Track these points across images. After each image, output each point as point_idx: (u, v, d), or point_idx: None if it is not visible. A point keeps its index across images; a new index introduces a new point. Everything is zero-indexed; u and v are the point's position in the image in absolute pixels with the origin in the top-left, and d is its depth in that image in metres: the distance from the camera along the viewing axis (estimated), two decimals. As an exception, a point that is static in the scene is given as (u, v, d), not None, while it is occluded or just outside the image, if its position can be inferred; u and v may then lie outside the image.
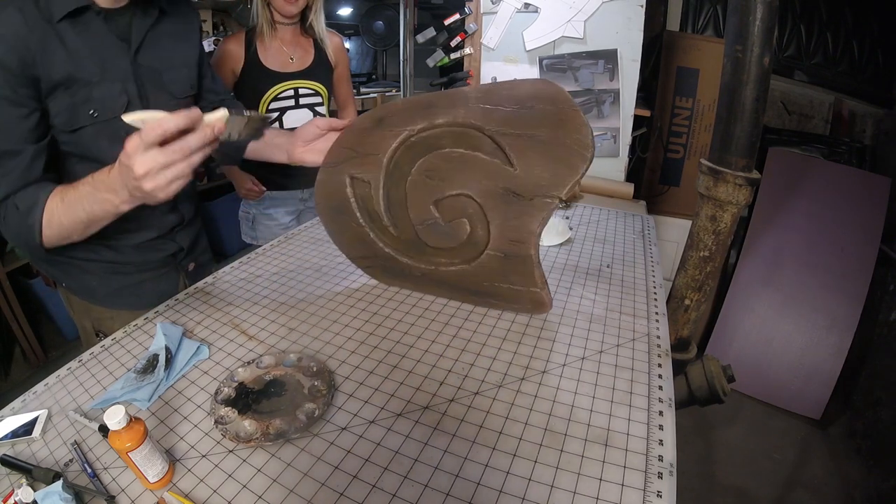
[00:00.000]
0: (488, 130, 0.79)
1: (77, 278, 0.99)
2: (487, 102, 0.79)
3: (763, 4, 0.98)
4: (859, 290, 2.01)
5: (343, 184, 0.92)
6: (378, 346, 0.83)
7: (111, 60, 0.84)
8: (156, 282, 1.05)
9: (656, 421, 0.65)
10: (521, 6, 1.70)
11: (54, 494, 0.53)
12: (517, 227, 0.82)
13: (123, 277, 1.01)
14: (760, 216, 2.21)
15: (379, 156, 0.88)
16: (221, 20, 3.23)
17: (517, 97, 0.77)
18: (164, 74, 0.93)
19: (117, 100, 0.85)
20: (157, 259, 1.04)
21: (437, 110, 0.82)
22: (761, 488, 1.70)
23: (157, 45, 0.91)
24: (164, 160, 0.59)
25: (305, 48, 1.57)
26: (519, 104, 0.77)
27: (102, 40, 0.83)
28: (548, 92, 0.74)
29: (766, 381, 2.07)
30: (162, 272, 1.06)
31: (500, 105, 0.78)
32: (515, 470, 0.59)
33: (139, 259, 1.01)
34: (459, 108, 0.81)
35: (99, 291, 1.01)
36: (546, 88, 0.74)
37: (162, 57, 0.93)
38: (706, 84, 2.16)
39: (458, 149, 0.83)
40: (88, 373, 0.78)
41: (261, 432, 0.63)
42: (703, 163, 1.16)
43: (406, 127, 0.85)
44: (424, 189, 0.87)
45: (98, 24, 0.82)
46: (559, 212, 1.50)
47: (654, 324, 0.88)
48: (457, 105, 0.81)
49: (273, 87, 1.52)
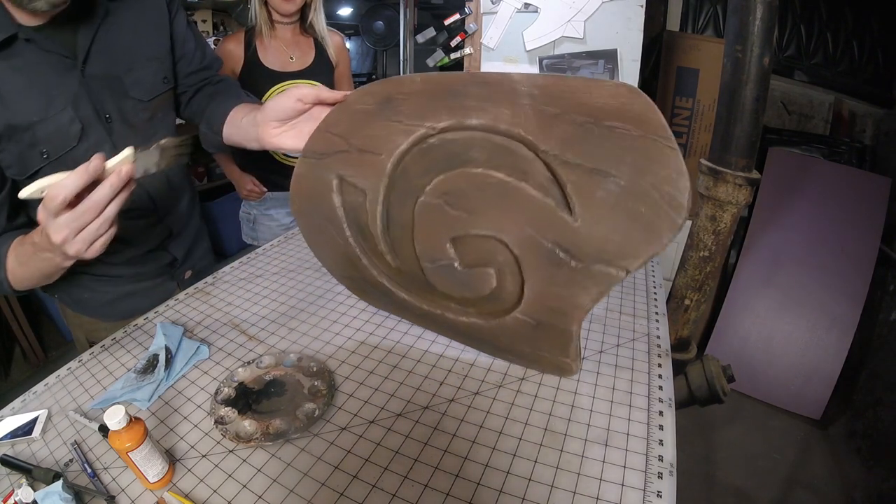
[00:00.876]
0: (545, 153, 0.55)
1: (67, 291, 0.96)
2: (549, 104, 0.54)
3: (763, 4, 0.98)
4: (859, 290, 2.01)
5: (329, 185, 0.71)
6: (378, 346, 0.83)
7: (56, 87, 0.73)
8: (149, 292, 1.02)
9: (656, 421, 0.65)
10: (521, 6, 1.70)
11: (54, 494, 0.53)
12: (561, 296, 0.61)
13: (115, 289, 0.98)
14: (760, 216, 2.21)
15: (381, 157, 0.65)
16: (221, 20, 3.23)
17: (593, 106, 0.52)
18: (125, 78, 0.82)
19: (69, 130, 0.76)
20: (149, 270, 1.01)
21: (470, 102, 0.58)
22: (761, 488, 1.70)
23: (110, 48, 0.79)
24: (76, 224, 0.54)
25: (305, 48, 1.56)
26: (593, 118, 0.52)
27: (40, 69, 0.72)
28: (635, 108, 0.50)
29: (766, 381, 2.07)
30: (157, 282, 1.04)
31: (567, 112, 0.53)
32: (515, 470, 0.59)
33: (130, 272, 0.98)
34: (504, 104, 0.56)
35: (90, 303, 0.98)
36: (632, 100, 0.50)
37: (119, 59, 0.80)
38: (706, 84, 2.16)
39: (495, 172, 0.59)
40: (88, 373, 0.78)
41: (261, 432, 0.63)
42: (703, 163, 1.16)
43: (424, 122, 0.61)
44: (440, 218, 0.64)
45: (31, 52, 0.71)
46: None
47: (654, 324, 0.88)
48: (500, 99, 0.56)
49: (273, 87, 1.51)
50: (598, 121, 0.52)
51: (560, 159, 0.54)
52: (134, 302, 1.00)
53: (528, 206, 0.58)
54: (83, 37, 0.75)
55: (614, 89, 0.51)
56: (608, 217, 0.54)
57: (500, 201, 0.60)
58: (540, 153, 0.55)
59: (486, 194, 0.60)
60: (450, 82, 0.59)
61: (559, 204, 0.56)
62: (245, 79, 1.50)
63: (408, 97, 0.62)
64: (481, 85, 0.57)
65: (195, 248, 1.12)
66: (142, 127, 0.87)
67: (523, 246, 0.61)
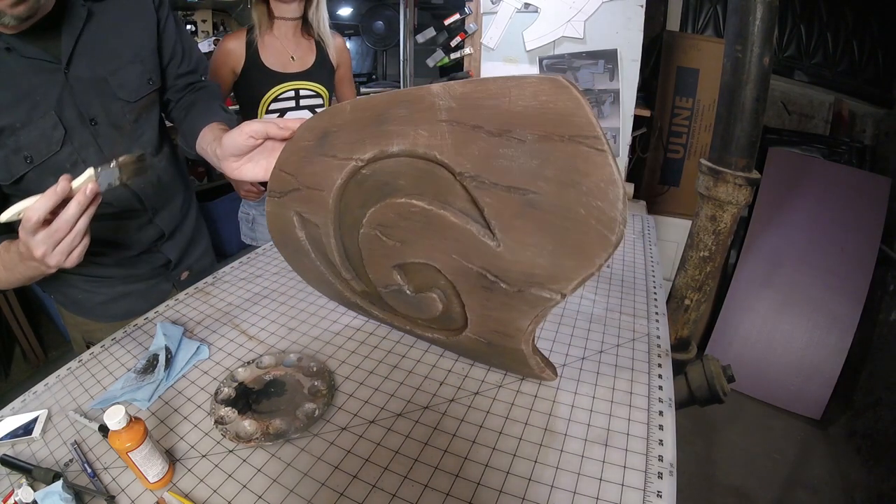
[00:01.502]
0: (461, 175, 0.51)
1: (63, 291, 0.97)
2: (463, 118, 0.49)
3: (763, 4, 0.98)
4: (859, 290, 2.01)
5: (291, 222, 0.72)
6: (378, 346, 0.83)
7: (38, 92, 0.74)
8: (144, 294, 1.02)
9: (656, 421, 0.65)
10: (521, 6, 1.70)
11: (54, 494, 0.53)
12: (500, 319, 0.60)
13: (108, 290, 0.98)
14: (760, 216, 2.21)
15: (324, 193, 0.64)
16: (221, 20, 3.23)
17: (512, 113, 0.46)
18: (110, 79, 0.82)
19: (52, 135, 0.77)
20: (143, 272, 1.01)
21: (392, 127, 0.54)
22: (761, 488, 1.70)
23: (94, 49, 0.79)
24: (52, 240, 0.60)
25: (307, 48, 1.54)
26: (510, 127, 0.47)
27: (21, 75, 0.73)
28: (558, 106, 0.44)
29: (766, 381, 2.07)
30: (151, 284, 1.03)
31: (481, 125, 0.48)
32: (515, 470, 0.59)
33: (122, 273, 0.98)
34: (422, 124, 0.52)
35: (85, 304, 0.98)
36: (555, 98, 0.44)
37: (104, 60, 0.80)
38: (706, 84, 2.16)
39: (417, 200, 0.56)
40: (88, 373, 0.78)
41: (261, 432, 0.63)
42: (703, 163, 1.16)
43: (353, 155, 0.59)
44: (380, 248, 0.64)
45: (13, 60, 0.72)
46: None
47: (654, 324, 0.88)
48: (419, 119, 0.52)
49: (274, 88, 1.50)
50: (514, 129, 0.46)
51: (477, 180, 0.51)
52: (128, 303, 1.00)
53: (452, 234, 0.55)
54: (66, 40, 0.76)
55: (536, 86, 0.44)
56: (531, 240, 0.50)
57: (424, 230, 0.58)
58: (457, 176, 0.52)
59: (412, 223, 0.59)
60: (376, 106, 0.56)
61: (481, 229, 0.53)
62: (246, 78, 1.49)
63: (340, 129, 0.60)
64: (403, 105, 0.53)
65: (192, 248, 1.11)
66: (128, 128, 0.87)
67: (455, 272, 0.59)
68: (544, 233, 0.49)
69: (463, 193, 0.53)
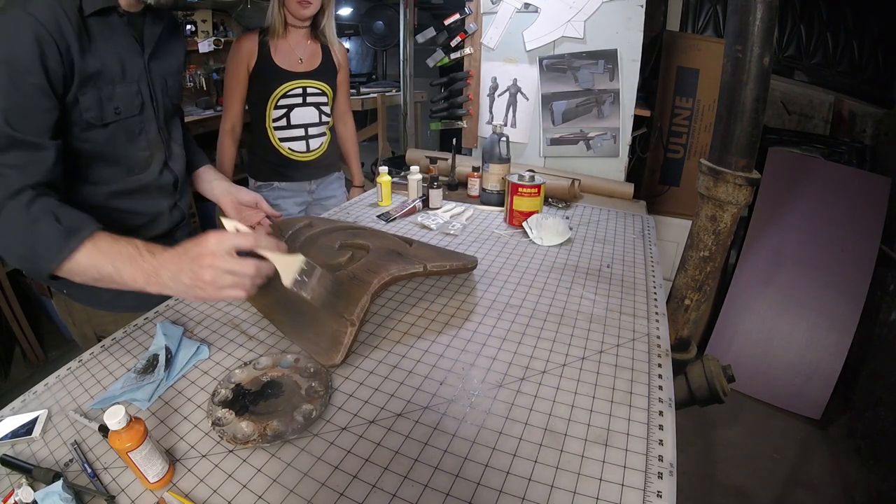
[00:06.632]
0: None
1: (77, 283, 0.98)
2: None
3: (763, 4, 0.98)
4: (859, 290, 2.01)
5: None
6: (378, 346, 0.83)
7: (130, 61, 0.87)
8: None
9: (656, 421, 0.65)
10: (521, 6, 1.70)
11: (54, 494, 0.53)
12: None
13: None
14: (760, 216, 2.21)
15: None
16: (221, 20, 3.23)
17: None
18: (167, 80, 0.97)
19: (134, 100, 0.89)
20: None
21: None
22: (761, 488, 1.70)
23: (163, 53, 0.95)
24: (237, 275, 0.65)
25: (313, 51, 1.65)
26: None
27: (123, 41, 0.86)
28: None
29: (766, 381, 2.07)
30: None
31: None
32: (515, 470, 0.59)
33: None
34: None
35: (103, 294, 0.98)
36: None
37: (165, 64, 0.96)
38: (706, 84, 2.16)
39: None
40: (88, 373, 0.78)
41: (258, 434, 0.63)
42: (703, 163, 1.16)
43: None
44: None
45: (121, 26, 0.85)
46: (559, 212, 1.50)
47: (654, 324, 0.88)
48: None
49: (283, 85, 1.60)
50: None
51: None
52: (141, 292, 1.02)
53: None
54: (149, 36, 0.91)
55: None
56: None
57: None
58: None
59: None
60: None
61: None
62: (258, 74, 1.59)
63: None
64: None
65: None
66: (170, 123, 1.03)
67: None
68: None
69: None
